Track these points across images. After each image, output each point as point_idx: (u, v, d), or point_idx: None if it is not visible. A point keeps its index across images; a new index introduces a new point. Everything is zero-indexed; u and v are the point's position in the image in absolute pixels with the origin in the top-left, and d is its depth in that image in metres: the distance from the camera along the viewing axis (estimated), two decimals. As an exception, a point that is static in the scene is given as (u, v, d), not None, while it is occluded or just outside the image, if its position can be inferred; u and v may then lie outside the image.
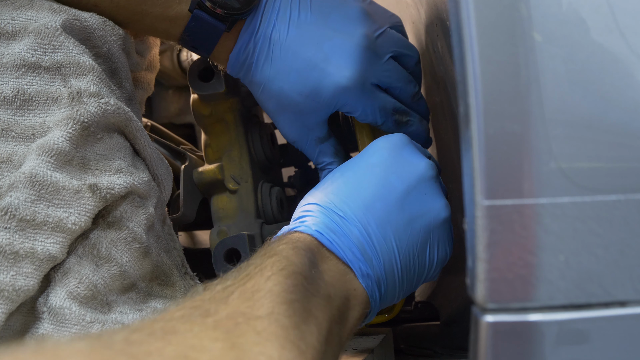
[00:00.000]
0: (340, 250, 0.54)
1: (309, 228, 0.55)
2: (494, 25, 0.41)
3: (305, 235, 0.54)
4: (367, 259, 0.54)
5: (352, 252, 0.54)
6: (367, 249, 0.54)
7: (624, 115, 0.42)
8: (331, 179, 0.59)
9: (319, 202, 0.57)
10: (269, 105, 0.70)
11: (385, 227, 0.55)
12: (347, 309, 0.52)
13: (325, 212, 0.56)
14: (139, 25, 0.67)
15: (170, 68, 1.23)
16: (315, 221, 0.55)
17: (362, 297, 0.54)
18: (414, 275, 0.58)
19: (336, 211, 0.55)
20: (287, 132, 0.72)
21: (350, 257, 0.54)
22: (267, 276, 0.47)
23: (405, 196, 0.57)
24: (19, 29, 0.60)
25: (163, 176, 0.69)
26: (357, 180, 0.58)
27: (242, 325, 0.41)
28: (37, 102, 0.59)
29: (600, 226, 0.42)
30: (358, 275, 0.54)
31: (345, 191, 0.57)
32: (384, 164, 0.58)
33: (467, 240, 0.44)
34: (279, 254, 0.50)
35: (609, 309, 0.42)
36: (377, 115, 0.69)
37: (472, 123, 0.42)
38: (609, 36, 0.42)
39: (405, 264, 0.56)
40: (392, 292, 0.57)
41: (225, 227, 0.77)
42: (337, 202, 0.56)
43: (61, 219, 0.55)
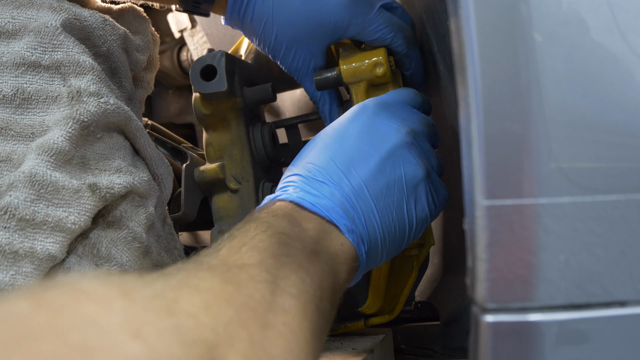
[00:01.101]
0: (323, 211, 0.55)
1: (290, 196, 0.56)
2: (494, 25, 0.41)
3: (286, 202, 0.56)
4: (350, 217, 0.56)
5: (335, 211, 0.55)
6: (349, 209, 0.56)
7: (624, 115, 0.42)
8: (310, 150, 0.61)
9: (300, 172, 0.58)
10: (271, 39, 0.71)
11: (363, 189, 0.57)
12: (335, 262, 0.54)
13: (305, 181, 0.57)
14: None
15: (170, 68, 1.23)
16: (296, 190, 0.57)
17: (351, 252, 0.55)
18: (396, 233, 0.59)
19: (317, 178, 0.57)
20: (289, 62, 0.73)
21: (335, 216, 0.55)
22: (251, 236, 0.49)
23: (380, 163, 0.58)
24: (19, 28, 0.60)
25: (163, 175, 0.69)
26: (334, 151, 0.59)
27: (234, 269, 0.43)
28: (36, 101, 0.59)
29: (600, 226, 0.42)
30: (344, 230, 0.55)
31: (324, 161, 0.58)
32: (358, 134, 0.60)
33: (467, 240, 0.44)
34: (259, 219, 0.52)
35: (609, 309, 0.42)
36: (385, 30, 0.71)
37: (472, 123, 0.42)
38: (609, 36, 0.42)
39: (385, 222, 0.58)
40: (375, 249, 0.58)
41: (226, 226, 0.77)
42: (316, 171, 0.58)
43: (61, 218, 0.55)
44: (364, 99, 0.73)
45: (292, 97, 1.05)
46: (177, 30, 1.20)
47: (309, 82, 0.75)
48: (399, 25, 0.72)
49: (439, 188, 0.63)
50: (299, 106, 1.04)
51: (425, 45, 0.78)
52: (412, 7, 0.81)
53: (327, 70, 0.74)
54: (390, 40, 0.71)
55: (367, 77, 0.72)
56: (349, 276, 0.56)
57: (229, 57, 0.74)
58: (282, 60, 0.74)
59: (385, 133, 0.60)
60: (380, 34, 0.71)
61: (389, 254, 0.61)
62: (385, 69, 0.71)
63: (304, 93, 1.02)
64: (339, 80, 0.73)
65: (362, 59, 0.72)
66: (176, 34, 1.21)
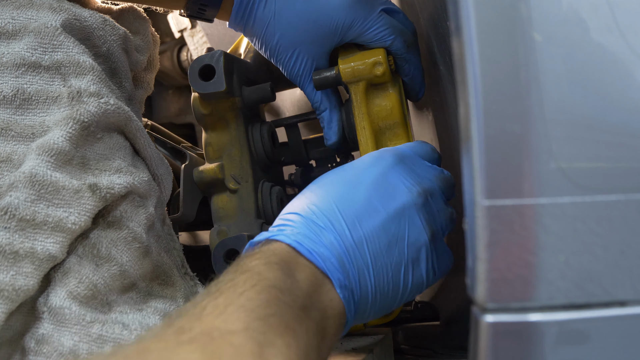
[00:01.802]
0: (319, 260, 0.53)
1: (287, 238, 0.54)
2: (494, 25, 0.41)
3: (282, 245, 0.53)
4: (344, 270, 0.54)
5: (331, 262, 0.53)
6: (345, 262, 0.54)
7: (624, 115, 0.42)
8: (316, 189, 0.59)
9: (301, 212, 0.56)
10: (273, 42, 0.72)
11: (363, 244, 0.55)
12: (323, 319, 0.51)
13: (305, 223, 0.55)
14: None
15: (170, 68, 1.23)
16: (294, 231, 0.54)
17: (339, 309, 0.53)
18: (388, 295, 0.57)
19: (318, 222, 0.55)
20: (291, 67, 0.73)
21: (330, 267, 0.53)
22: (239, 292, 0.46)
23: (386, 221, 0.56)
24: (19, 28, 0.60)
25: (163, 176, 0.69)
26: (342, 197, 0.57)
27: (217, 340, 0.41)
28: (36, 102, 0.59)
29: (600, 226, 0.42)
30: (336, 285, 0.53)
31: (329, 205, 0.56)
32: (370, 185, 0.58)
33: (467, 240, 0.44)
34: (251, 271, 0.49)
35: (609, 309, 0.42)
36: (385, 32, 0.71)
37: (472, 123, 0.42)
38: (609, 36, 0.42)
39: (379, 283, 0.55)
40: (363, 308, 0.56)
41: (225, 227, 0.77)
42: (319, 214, 0.55)
43: (61, 218, 0.55)
44: (363, 99, 0.73)
45: (292, 96, 1.05)
46: (177, 30, 1.20)
47: (311, 87, 0.75)
48: (399, 28, 0.72)
49: (442, 254, 0.61)
50: (299, 106, 1.04)
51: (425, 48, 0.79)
52: (412, 7, 0.82)
53: (326, 69, 0.74)
54: (390, 42, 0.71)
55: (367, 77, 0.72)
56: (336, 332, 0.54)
57: (228, 56, 0.74)
58: (284, 64, 0.74)
59: (397, 190, 0.58)
60: (381, 37, 0.71)
61: (377, 313, 0.58)
62: (385, 69, 0.71)
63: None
64: (338, 80, 0.73)
65: (361, 59, 0.72)
66: (176, 34, 1.21)
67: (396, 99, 0.73)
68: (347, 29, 0.71)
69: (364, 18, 0.70)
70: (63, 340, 0.54)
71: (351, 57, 0.72)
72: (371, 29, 0.71)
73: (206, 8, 0.71)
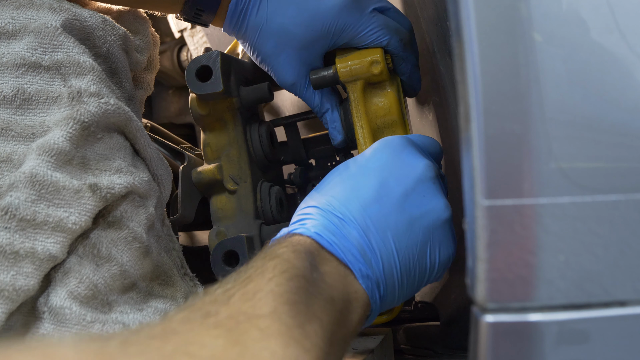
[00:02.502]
0: (340, 252, 0.53)
1: (308, 230, 0.54)
2: (494, 25, 0.41)
3: (304, 237, 0.54)
4: (367, 260, 0.54)
5: (351, 253, 0.53)
6: (367, 251, 0.54)
7: (624, 115, 0.42)
8: (330, 182, 0.59)
9: (319, 204, 0.56)
10: (267, 47, 0.71)
11: (384, 229, 0.55)
12: (348, 311, 0.52)
13: (324, 215, 0.55)
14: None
15: (170, 68, 1.23)
16: (314, 224, 0.55)
17: (363, 299, 0.54)
18: (415, 277, 0.57)
19: (335, 213, 0.55)
20: (285, 73, 0.73)
21: (350, 259, 0.53)
22: (268, 278, 0.46)
23: (404, 199, 0.56)
24: (19, 28, 0.60)
25: (163, 176, 0.69)
26: (356, 184, 0.57)
27: (244, 324, 0.41)
28: (37, 102, 0.59)
29: (600, 226, 0.42)
30: (358, 276, 0.53)
31: (345, 194, 0.56)
32: (383, 167, 0.58)
33: (467, 240, 0.44)
34: (280, 257, 0.49)
35: (609, 309, 0.42)
36: (380, 32, 0.70)
37: (472, 123, 0.42)
38: (609, 36, 0.42)
39: (405, 266, 0.56)
40: (391, 294, 0.56)
41: (224, 227, 0.77)
42: (337, 204, 0.56)
43: (61, 218, 0.55)
44: (361, 98, 0.73)
45: (291, 96, 1.05)
46: (177, 30, 1.20)
47: (309, 92, 0.75)
48: (394, 27, 0.72)
49: (453, 231, 0.61)
50: (298, 105, 1.04)
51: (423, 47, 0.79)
52: (412, 8, 0.82)
53: (323, 69, 0.73)
54: (387, 42, 0.71)
55: (364, 76, 0.72)
56: (360, 323, 0.54)
57: (225, 57, 0.74)
58: (277, 71, 0.73)
59: (410, 166, 0.58)
60: (376, 37, 0.70)
61: (405, 297, 0.58)
62: (382, 67, 0.71)
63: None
64: (336, 79, 0.73)
65: (359, 58, 0.72)
66: (176, 34, 1.21)
67: (394, 98, 0.73)
68: (340, 33, 0.70)
69: (356, 21, 0.70)
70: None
71: (348, 56, 0.72)
72: (364, 31, 0.70)
73: (202, 13, 0.71)
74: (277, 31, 0.70)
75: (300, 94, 0.75)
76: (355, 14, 0.70)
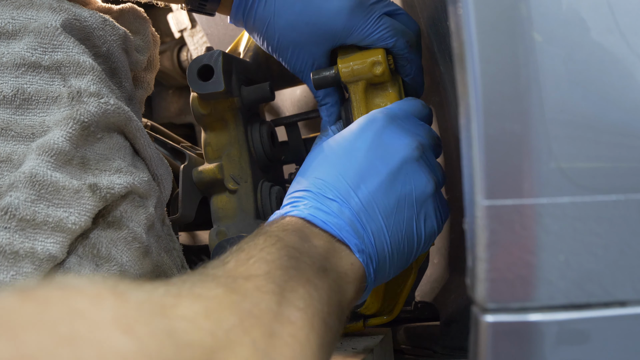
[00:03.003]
0: (335, 229, 0.55)
1: (301, 212, 0.56)
2: (494, 25, 0.41)
3: (296, 219, 0.56)
4: (359, 236, 0.56)
5: (345, 230, 0.55)
6: (359, 228, 0.56)
7: (624, 115, 0.42)
8: (316, 164, 0.61)
9: (309, 187, 0.58)
10: (274, 41, 0.72)
11: (373, 208, 0.57)
12: (344, 282, 0.53)
13: (315, 197, 0.57)
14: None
15: (170, 68, 1.23)
16: (307, 205, 0.57)
17: (360, 272, 0.55)
18: (404, 251, 0.59)
19: (327, 195, 0.57)
20: (292, 64, 0.74)
21: (345, 234, 0.55)
22: (259, 248, 0.48)
23: (390, 179, 0.58)
24: (19, 28, 0.60)
25: (163, 176, 0.69)
26: (343, 165, 0.59)
27: (240, 281, 0.43)
28: (36, 102, 0.59)
29: (600, 226, 0.42)
30: (354, 250, 0.55)
31: (333, 176, 0.58)
32: (368, 148, 0.60)
33: (467, 240, 0.44)
34: (269, 233, 0.51)
35: (609, 309, 0.42)
36: (387, 34, 0.71)
37: (472, 123, 0.42)
38: (609, 36, 0.42)
39: (395, 241, 0.58)
40: (383, 268, 0.58)
41: (225, 227, 0.77)
42: (326, 187, 0.58)
43: (61, 218, 0.55)
44: (363, 98, 0.73)
45: (292, 96, 1.05)
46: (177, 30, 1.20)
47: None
48: (401, 29, 0.72)
49: (443, 202, 0.63)
50: (299, 105, 1.04)
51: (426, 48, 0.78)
52: (412, 8, 0.82)
53: (325, 69, 0.74)
54: (392, 44, 0.71)
55: (366, 77, 0.72)
56: (356, 295, 0.56)
57: (227, 56, 0.74)
58: (287, 60, 0.74)
59: (394, 147, 0.60)
60: (382, 39, 0.71)
61: (396, 271, 0.61)
62: (384, 68, 0.71)
63: (304, 92, 1.02)
64: (337, 80, 0.73)
65: (360, 58, 0.72)
66: (176, 34, 1.21)
67: (395, 98, 0.73)
68: (347, 35, 0.71)
69: (363, 24, 0.70)
70: (63, 340, 0.54)
71: (350, 57, 0.72)
72: (372, 34, 0.71)
73: (207, 2, 0.72)
74: (284, 26, 0.70)
75: (307, 81, 0.76)
76: (362, 17, 0.70)
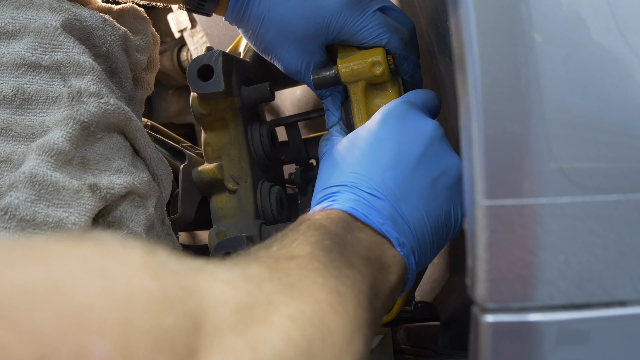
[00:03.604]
0: (376, 223, 0.55)
1: (342, 205, 0.56)
2: (494, 25, 0.41)
3: (337, 211, 0.55)
4: (400, 229, 0.56)
5: (387, 224, 0.55)
6: (399, 220, 0.56)
7: (624, 115, 0.42)
8: (345, 157, 0.60)
9: (344, 182, 0.58)
10: (269, 37, 0.72)
11: (411, 196, 0.57)
12: (386, 271, 0.53)
13: (352, 191, 0.57)
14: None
15: (170, 68, 1.23)
16: (346, 198, 0.56)
17: (401, 264, 0.55)
18: (443, 237, 0.59)
19: (362, 189, 0.57)
20: (288, 62, 0.74)
21: (387, 229, 0.55)
22: (303, 232, 0.48)
23: (421, 161, 0.58)
24: (19, 28, 0.60)
25: (163, 176, 0.69)
26: (372, 157, 0.59)
27: (282, 261, 0.43)
28: (36, 102, 0.59)
29: (600, 226, 0.42)
30: (395, 244, 0.55)
31: (366, 169, 0.58)
32: (394, 135, 0.60)
33: (467, 240, 0.44)
34: (313, 220, 0.51)
35: (609, 309, 0.42)
36: (380, 31, 0.71)
37: (472, 123, 0.42)
38: (609, 36, 0.42)
39: (435, 228, 0.58)
40: (424, 257, 0.58)
41: (224, 227, 0.77)
42: (361, 180, 0.57)
43: (61, 218, 0.55)
44: (362, 99, 0.73)
45: (292, 96, 1.05)
46: (177, 30, 1.20)
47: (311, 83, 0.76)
48: (395, 27, 0.72)
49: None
50: (299, 106, 1.04)
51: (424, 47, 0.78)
52: (412, 7, 0.82)
53: (325, 69, 0.74)
54: (386, 41, 0.71)
55: (366, 77, 0.72)
56: (398, 286, 0.56)
57: (226, 56, 0.74)
58: (280, 60, 0.74)
59: (420, 127, 0.60)
60: (376, 35, 0.71)
61: (434, 256, 0.61)
62: (384, 69, 0.71)
63: (304, 92, 1.02)
64: (337, 80, 0.73)
65: (360, 58, 0.72)
66: (176, 34, 1.21)
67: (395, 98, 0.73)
68: (340, 28, 0.71)
69: (357, 17, 0.70)
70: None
71: (350, 57, 0.72)
72: (365, 28, 0.71)
73: (205, 2, 0.72)
74: (278, 21, 0.71)
75: (304, 80, 0.76)
76: (356, 11, 0.70)
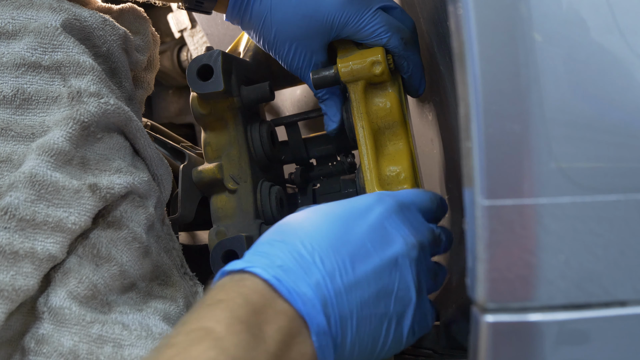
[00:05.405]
0: (299, 302, 0.47)
1: (265, 271, 0.48)
2: (494, 25, 0.41)
3: (257, 282, 0.48)
4: (327, 315, 0.48)
5: (312, 304, 0.48)
6: (329, 305, 0.49)
7: (624, 115, 0.42)
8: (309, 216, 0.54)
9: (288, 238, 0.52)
10: (271, 36, 0.72)
11: (352, 290, 0.50)
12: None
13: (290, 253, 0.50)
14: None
15: (170, 68, 1.23)
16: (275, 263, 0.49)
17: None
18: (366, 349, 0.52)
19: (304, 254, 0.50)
20: (290, 61, 0.74)
21: (310, 311, 0.47)
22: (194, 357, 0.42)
23: (378, 268, 0.52)
24: (19, 28, 0.60)
25: (163, 176, 0.69)
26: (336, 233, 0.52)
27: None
28: (36, 102, 0.59)
29: (600, 226, 0.42)
30: (313, 332, 0.47)
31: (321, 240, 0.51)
32: (367, 228, 0.54)
33: (467, 240, 0.44)
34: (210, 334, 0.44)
35: (609, 309, 0.42)
36: (381, 29, 0.71)
37: (472, 123, 0.42)
38: (609, 36, 0.42)
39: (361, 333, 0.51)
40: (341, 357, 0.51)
41: (224, 227, 0.77)
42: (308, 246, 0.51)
43: (61, 218, 0.55)
44: (362, 98, 0.73)
45: (292, 96, 1.05)
46: (177, 30, 1.20)
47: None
48: (396, 26, 0.72)
49: (425, 314, 0.56)
50: (299, 106, 1.04)
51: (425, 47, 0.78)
52: (412, 7, 0.81)
53: (325, 68, 0.74)
54: (387, 40, 0.71)
55: (365, 76, 0.72)
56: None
57: (226, 56, 0.74)
58: (283, 57, 0.74)
59: (393, 238, 0.54)
60: (377, 34, 0.71)
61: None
62: (383, 68, 0.71)
63: (304, 92, 1.02)
64: (337, 79, 0.73)
65: (360, 58, 0.72)
66: (176, 34, 1.21)
67: (395, 98, 0.73)
68: (342, 26, 0.71)
69: (359, 16, 0.71)
70: (63, 340, 0.54)
71: (350, 57, 0.73)
72: (367, 26, 0.71)
73: (204, 0, 0.72)
74: (281, 20, 0.71)
75: (304, 79, 0.76)
76: (358, 10, 0.71)
